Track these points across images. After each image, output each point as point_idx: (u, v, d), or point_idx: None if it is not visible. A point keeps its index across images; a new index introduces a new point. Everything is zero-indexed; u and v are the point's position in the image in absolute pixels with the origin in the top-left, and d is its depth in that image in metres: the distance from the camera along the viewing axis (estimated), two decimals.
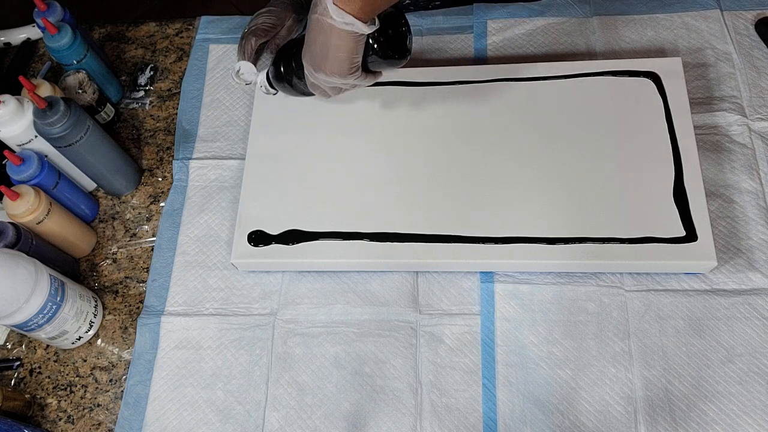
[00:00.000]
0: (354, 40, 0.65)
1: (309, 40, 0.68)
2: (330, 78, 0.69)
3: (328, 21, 0.64)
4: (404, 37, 0.70)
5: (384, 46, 0.68)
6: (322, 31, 0.65)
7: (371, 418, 0.76)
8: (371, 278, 0.83)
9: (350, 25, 0.63)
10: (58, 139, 0.80)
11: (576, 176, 0.81)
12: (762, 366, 0.73)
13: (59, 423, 0.80)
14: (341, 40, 0.65)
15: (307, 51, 0.70)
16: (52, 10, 0.89)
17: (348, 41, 0.65)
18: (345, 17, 0.63)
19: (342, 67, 0.68)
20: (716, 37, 0.93)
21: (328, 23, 0.64)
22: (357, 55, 0.67)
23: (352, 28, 0.64)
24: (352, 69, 0.68)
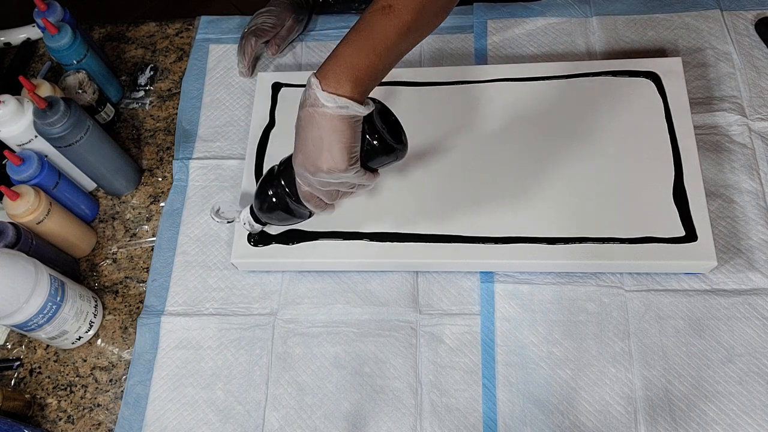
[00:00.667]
0: (350, 126, 0.61)
1: (300, 139, 0.63)
2: (328, 176, 0.63)
3: (321, 110, 0.60)
4: (398, 126, 0.67)
5: (381, 137, 0.64)
6: (315, 124, 0.61)
7: (371, 418, 0.76)
8: (371, 278, 0.83)
9: (345, 108, 0.60)
10: (58, 139, 0.80)
11: (576, 176, 0.81)
12: (762, 366, 0.73)
13: (59, 423, 0.80)
14: (337, 128, 0.60)
15: (299, 153, 0.64)
16: (52, 10, 0.89)
17: (344, 128, 0.61)
18: (338, 101, 0.59)
19: (342, 159, 0.62)
20: (716, 37, 0.93)
21: (320, 113, 0.60)
22: (355, 143, 0.62)
23: (348, 112, 0.60)
24: (352, 160, 0.63)
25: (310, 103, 0.61)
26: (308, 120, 0.61)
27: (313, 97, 0.60)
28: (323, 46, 1.00)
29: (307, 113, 0.61)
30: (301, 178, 0.67)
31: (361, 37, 0.61)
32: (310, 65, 0.99)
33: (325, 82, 0.60)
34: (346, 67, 0.60)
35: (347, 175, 0.63)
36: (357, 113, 0.61)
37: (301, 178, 0.67)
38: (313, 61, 0.99)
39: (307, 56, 1.00)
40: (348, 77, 0.60)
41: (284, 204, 0.72)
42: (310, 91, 0.61)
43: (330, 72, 0.60)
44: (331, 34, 1.01)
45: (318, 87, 0.60)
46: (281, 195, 0.72)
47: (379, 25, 0.61)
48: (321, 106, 0.60)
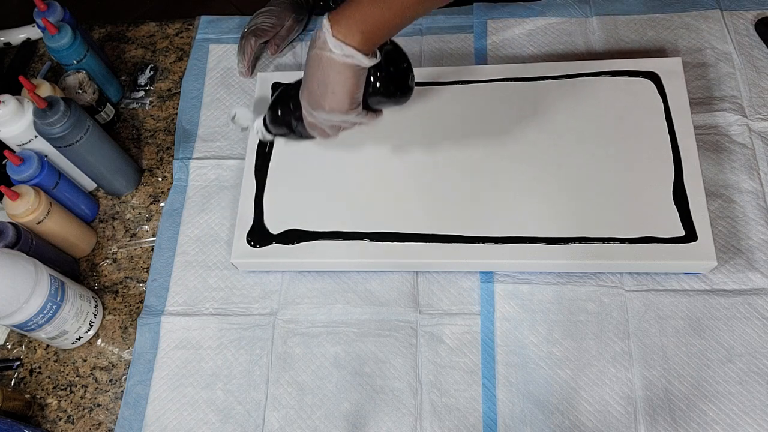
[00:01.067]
0: (354, 73, 0.63)
1: (307, 77, 0.66)
2: (329, 115, 0.66)
3: (328, 54, 0.62)
4: (406, 74, 0.68)
5: (386, 82, 0.66)
6: (321, 66, 0.63)
7: (371, 417, 0.76)
8: (371, 278, 0.83)
9: (350, 57, 0.61)
10: (58, 139, 0.80)
11: (576, 176, 0.81)
12: (762, 366, 0.73)
13: (59, 423, 0.80)
14: (341, 74, 0.63)
15: (305, 89, 0.67)
16: (52, 10, 0.89)
17: (348, 75, 0.63)
18: (345, 49, 0.61)
19: (342, 103, 0.65)
20: (716, 37, 0.93)
21: (327, 57, 0.62)
22: (357, 90, 0.65)
23: (353, 61, 0.61)
24: (353, 104, 0.65)
25: (319, 45, 0.62)
26: (316, 61, 0.63)
27: (322, 39, 0.62)
28: None
29: (315, 54, 0.63)
30: (306, 111, 0.69)
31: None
32: None
33: (337, 28, 0.61)
34: (359, 17, 0.61)
35: (348, 117, 0.67)
36: (361, 64, 0.62)
37: (306, 111, 0.69)
38: None
39: None
40: (359, 28, 0.61)
41: (290, 124, 0.75)
42: (321, 33, 0.62)
43: (343, 19, 0.61)
44: None
45: (329, 31, 0.61)
46: (289, 116, 0.74)
47: None
48: (329, 51, 0.61)
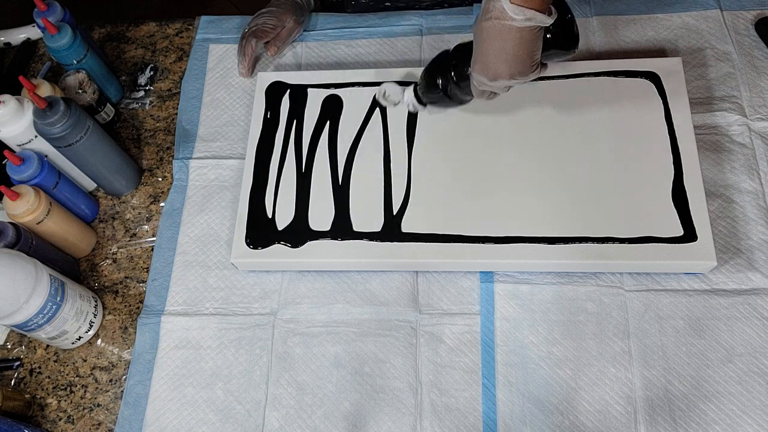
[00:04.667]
0: (535, 35, 0.63)
1: (482, 49, 0.66)
2: (510, 81, 0.67)
3: (508, 23, 0.62)
4: (572, 23, 0.68)
5: (560, 36, 0.66)
6: (500, 35, 0.63)
7: (371, 417, 0.76)
8: (371, 278, 0.83)
9: (532, 20, 0.61)
10: (58, 139, 0.80)
11: (576, 176, 0.81)
12: (762, 366, 0.73)
13: (59, 423, 0.80)
14: (523, 38, 0.63)
15: (479, 62, 0.67)
16: (52, 10, 0.89)
17: (530, 37, 0.63)
18: (527, 13, 0.61)
19: (525, 66, 0.65)
20: (716, 37, 0.93)
21: (507, 25, 0.62)
22: (538, 50, 0.65)
23: (534, 23, 0.62)
24: (534, 66, 0.66)
25: (495, 16, 0.62)
26: (492, 32, 0.63)
27: (498, 9, 0.61)
28: (323, 46, 1.00)
29: (491, 25, 0.63)
30: (478, 82, 0.70)
31: None
32: (310, 65, 0.99)
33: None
34: None
35: (529, 77, 0.67)
36: (543, 24, 0.62)
37: (478, 82, 0.70)
38: (312, 61, 0.99)
39: (307, 56, 1.00)
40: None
41: (450, 92, 0.76)
42: (495, 3, 0.62)
43: None
44: (331, 34, 1.01)
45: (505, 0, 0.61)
46: (449, 85, 0.75)
47: None
48: (508, 19, 0.61)
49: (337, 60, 0.99)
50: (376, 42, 0.99)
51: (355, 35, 1.00)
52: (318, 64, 0.99)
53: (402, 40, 0.99)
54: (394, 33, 1.00)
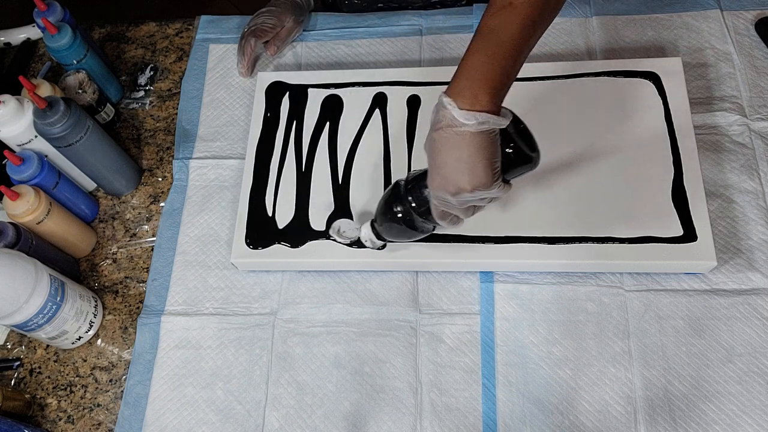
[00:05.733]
0: (492, 140, 0.59)
1: (437, 162, 0.61)
2: (472, 195, 0.61)
3: (460, 130, 0.57)
4: (529, 133, 0.64)
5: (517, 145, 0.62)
6: (454, 145, 0.58)
7: (371, 417, 0.76)
8: (371, 278, 0.83)
9: (485, 123, 0.57)
10: (58, 139, 0.80)
11: (576, 176, 0.81)
12: (762, 366, 0.73)
13: (59, 423, 0.80)
14: (479, 144, 0.58)
15: (437, 175, 0.62)
16: (52, 10, 0.89)
17: (487, 143, 0.58)
18: (478, 117, 0.57)
19: (486, 176, 0.59)
20: (716, 37, 0.93)
21: (460, 133, 0.57)
22: (497, 158, 0.60)
23: (489, 126, 0.57)
24: (495, 175, 0.60)
25: (446, 124, 0.58)
26: (446, 142, 0.59)
27: (448, 117, 0.58)
28: (323, 46, 1.00)
29: (442, 135, 0.59)
30: (439, 199, 0.64)
31: (488, 44, 0.58)
32: (310, 65, 0.99)
33: (461, 100, 0.57)
34: (481, 79, 0.57)
35: (491, 191, 0.61)
36: (498, 126, 0.58)
37: (439, 199, 0.64)
38: (312, 60, 0.99)
39: (307, 56, 1.00)
40: (484, 90, 0.57)
41: (411, 221, 0.70)
42: (445, 112, 0.58)
43: (464, 87, 0.58)
44: (331, 34, 1.01)
45: (453, 106, 0.57)
46: (409, 213, 0.70)
47: (503, 26, 0.58)
48: (460, 126, 0.57)
49: (337, 60, 0.99)
50: (376, 42, 0.99)
51: (355, 35, 1.00)
52: (318, 64, 0.99)
53: (402, 40, 0.99)
54: (394, 33, 1.00)
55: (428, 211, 0.68)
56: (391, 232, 0.73)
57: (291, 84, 0.92)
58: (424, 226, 0.71)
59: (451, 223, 0.68)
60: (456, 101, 0.57)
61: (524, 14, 0.58)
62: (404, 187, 0.70)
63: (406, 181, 0.70)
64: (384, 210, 0.72)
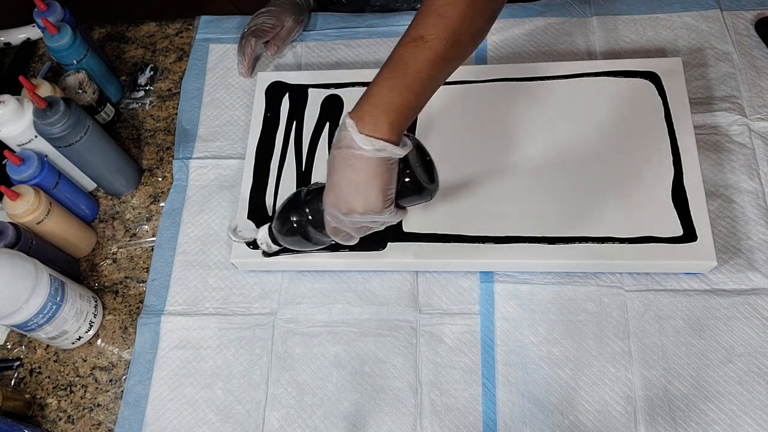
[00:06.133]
0: (387, 168, 0.59)
1: (333, 179, 0.61)
2: (362, 217, 0.61)
3: (357, 153, 0.58)
4: (431, 165, 0.65)
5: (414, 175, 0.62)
6: (350, 166, 0.59)
7: (371, 417, 0.76)
8: (371, 278, 0.83)
9: (382, 151, 0.57)
10: (58, 139, 0.80)
11: (576, 176, 0.81)
12: (762, 366, 0.73)
13: (59, 423, 0.80)
14: (373, 170, 0.59)
15: (331, 192, 0.62)
16: (52, 10, 0.89)
17: (381, 170, 0.59)
18: (375, 143, 0.57)
19: (377, 202, 0.60)
20: (716, 37, 0.93)
21: (357, 155, 0.58)
22: (391, 186, 0.61)
23: (385, 154, 0.58)
24: (387, 202, 0.61)
25: (346, 145, 0.58)
26: (343, 162, 0.59)
27: (348, 138, 0.58)
28: (323, 46, 1.00)
29: (341, 154, 0.59)
30: (331, 216, 0.64)
31: (395, 75, 0.58)
32: (310, 65, 0.99)
33: (362, 124, 0.58)
34: (383, 108, 0.58)
35: (382, 216, 0.62)
36: (394, 155, 0.59)
37: (331, 216, 0.64)
38: (312, 61, 0.99)
39: (307, 56, 1.00)
40: (385, 118, 0.57)
41: (306, 232, 0.71)
42: (345, 133, 0.58)
43: (366, 113, 0.58)
44: (331, 34, 1.01)
45: (354, 129, 0.57)
46: (304, 223, 0.70)
47: (412, 59, 0.58)
48: (357, 149, 0.58)
49: (337, 60, 0.99)
50: (376, 42, 0.99)
51: (355, 35, 1.00)
52: (318, 64, 0.99)
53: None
54: (394, 33, 0.99)
55: (321, 224, 0.67)
56: (286, 239, 0.73)
57: (291, 84, 0.93)
58: (318, 239, 0.71)
59: (344, 239, 0.67)
60: (357, 124, 0.58)
61: (435, 50, 0.58)
62: (303, 198, 0.70)
63: (306, 192, 0.70)
64: (281, 217, 0.72)
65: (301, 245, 0.74)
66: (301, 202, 0.70)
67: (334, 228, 0.66)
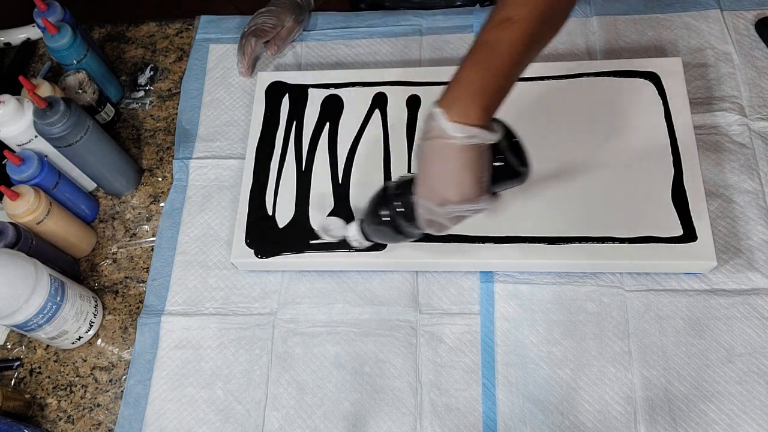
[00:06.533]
0: (480, 155, 0.57)
1: (425, 172, 0.60)
2: (458, 207, 0.60)
3: (449, 142, 0.56)
4: (521, 147, 0.63)
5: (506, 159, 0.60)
6: (442, 156, 0.57)
7: (371, 417, 0.76)
8: (371, 278, 0.83)
9: (475, 137, 0.56)
10: (58, 139, 0.80)
11: (576, 176, 0.81)
12: (762, 366, 0.73)
13: (59, 423, 0.80)
14: (467, 158, 0.57)
15: (424, 185, 0.61)
16: (52, 10, 0.89)
17: (475, 157, 0.57)
18: (467, 131, 0.56)
19: (472, 190, 0.59)
20: (716, 37, 0.93)
21: (448, 145, 0.56)
22: (485, 172, 0.59)
23: (478, 141, 0.56)
24: (483, 189, 0.59)
25: (436, 135, 0.57)
26: (434, 152, 0.58)
27: (438, 128, 0.57)
28: (323, 46, 1.00)
29: (431, 145, 0.58)
30: (425, 208, 0.63)
31: (482, 59, 0.57)
32: (310, 65, 0.99)
33: (452, 112, 0.56)
34: (473, 93, 0.57)
35: (478, 204, 0.60)
36: (486, 141, 0.57)
37: (425, 208, 0.63)
38: (312, 60, 0.99)
39: (307, 56, 1.00)
40: (476, 104, 0.56)
41: (397, 226, 0.69)
42: (434, 123, 0.57)
43: (456, 100, 0.57)
44: (331, 34, 1.01)
45: (443, 117, 0.56)
46: (395, 217, 0.68)
47: (500, 42, 0.57)
48: (449, 138, 0.56)
49: (337, 60, 0.99)
50: (376, 42, 0.99)
51: (355, 35, 1.00)
52: (318, 64, 0.99)
53: (402, 40, 0.99)
54: (394, 33, 1.00)
55: (413, 217, 0.66)
56: (378, 234, 0.73)
57: (291, 84, 0.92)
58: (410, 231, 0.70)
59: (438, 230, 0.66)
60: (447, 112, 0.57)
61: (523, 30, 0.57)
62: (392, 192, 0.69)
63: (395, 186, 0.69)
64: (371, 212, 0.72)
65: (393, 239, 0.73)
66: (390, 196, 0.69)
67: (427, 220, 0.64)
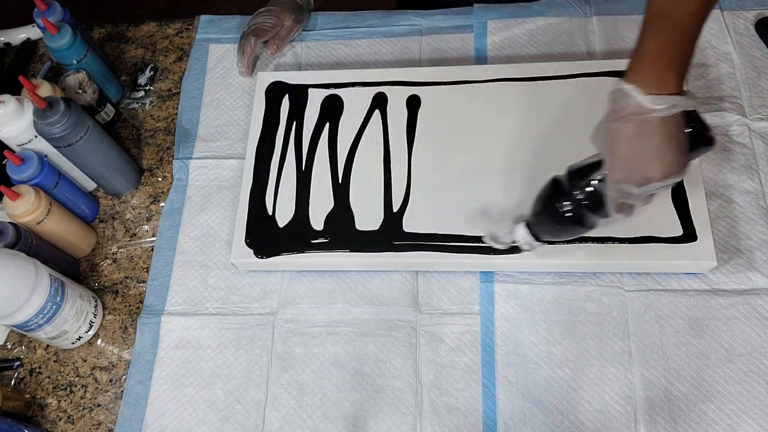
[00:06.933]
0: (678, 125, 0.57)
1: (621, 154, 0.59)
2: (662, 182, 0.58)
3: (648, 117, 0.55)
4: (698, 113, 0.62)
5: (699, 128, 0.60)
6: (640, 134, 0.56)
7: (371, 417, 0.76)
8: (371, 278, 0.83)
9: (676, 106, 0.55)
10: (58, 139, 0.80)
11: None
12: (762, 366, 0.73)
13: (59, 423, 0.80)
14: (669, 130, 0.56)
15: (619, 168, 0.60)
16: (52, 10, 0.89)
17: (674, 129, 0.56)
18: (668, 101, 0.55)
19: (677, 162, 0.57)
20: (716, 37, 0.93)
21: (648, 120, 0.55)
22: (685, 141, 0.58)
23: (679, 108, 0.55)
24: (686, 158, 0.58)
25: (631, 112, 0.56)
26: (629, 131, 0.57)
27: (633, 105, 0.56)
28: (323, 46, 1.00)
29: (626, 124, 0.57)
30: (620, 192, 0.61)
31: (663, 28, 0.57)
32: (310, 65, 0.99)
33: (647, 85, 0.56)
34: (665, 62, 0.56)
35: (681, 175, 0.59)
36: (687, 107, 0.56)
37: (620, 192, 0.61)
38: (312, 60, 0.99)
39: (307, 56, 1.00)
40: (672, 72, 0.56)
41: (581, 217, 0.68)
42: (627, 100, 0.56)
43: (648, 73, 0.56)
44: (331, 34, 1.01)
45: (638, 93, 0.55)
46: (579, 209, 0.67)
47: (677, 9, 0.57)
48: (648, 112, 0.55)
49: (337, 60, 0.99)
50: (376, 42, 0.99)
51: (355, 35, 1.00)
52: (318, 64, 0.99)
53: (402, 40, 0.99)
54: (394, 33, 1.00)
55: (599, 204, 0.65)
56: (552, 231, 0.72)
57: (291, 84, 0.92)
58: (593, 222, 0.68)
59: (629, 214, 0.65)
60: (641, 87, 0.56)
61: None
62: (568, 183, 0.68)
63: (569, 176, 0.68)
64: (545, 209, 0.70)
65: (572, 233, 0.72)
66: (567, 188, 0.68)
67: (620, 204, 0.63)
